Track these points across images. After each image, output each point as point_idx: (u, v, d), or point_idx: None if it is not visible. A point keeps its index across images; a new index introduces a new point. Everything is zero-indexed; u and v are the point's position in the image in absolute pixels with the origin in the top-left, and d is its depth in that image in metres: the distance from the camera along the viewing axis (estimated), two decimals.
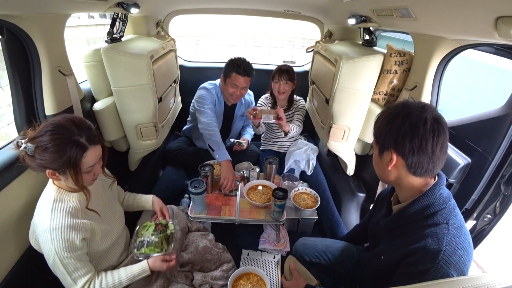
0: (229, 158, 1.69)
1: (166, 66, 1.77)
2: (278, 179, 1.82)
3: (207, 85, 1.98)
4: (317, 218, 1.68)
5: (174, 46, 2.01)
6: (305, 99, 2.21)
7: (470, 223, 1.09)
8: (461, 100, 3.68)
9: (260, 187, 1.64)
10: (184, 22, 8.67)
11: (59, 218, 0.89)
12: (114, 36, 1.52)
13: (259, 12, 2.29)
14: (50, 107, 1.19)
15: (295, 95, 2.08)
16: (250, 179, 1.77)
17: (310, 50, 2.17)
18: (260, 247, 1.65)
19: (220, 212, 1.49)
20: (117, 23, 1.53)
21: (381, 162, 0.81)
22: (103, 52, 1.37)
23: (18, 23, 0.99)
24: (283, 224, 1.72)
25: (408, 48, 1.42)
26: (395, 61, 1.41)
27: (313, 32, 2.71)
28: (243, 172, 1.79)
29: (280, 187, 1.49)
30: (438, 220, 0.73)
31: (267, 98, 2.12)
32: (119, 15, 1.51)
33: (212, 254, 1.32)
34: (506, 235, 2.06)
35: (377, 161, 0.84)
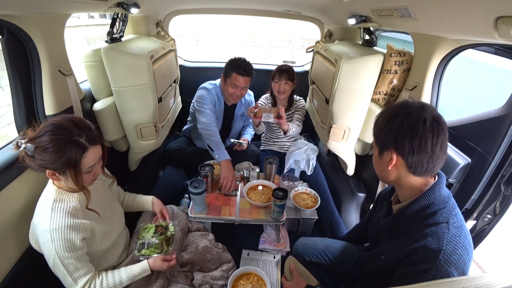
0: (228, 158, 1.69)
1: (166, 66, 1.77)
2: (278, 179, 1.82)
3: (207, 85, 1.98)
4: (317, 218, 1.68)
5: (174, 46, 2.01)
6: (305, 99, 2.21)
7: (470, 223, 1.09)
8: (461, 100, 3.68)
9: (260, 187, 1.64)
10: (184, 22, 8.67)
11: (59, 218, 0.89)
12: (114, 36, 1.52)
13: (259, 12, 2.29)
14: (50, 107, 1.19)
15: (295, 95, 2.08)
16: (250, 179, 1.76)
17: (310, 50, 2.17)
18: (260, 247, 1.65)
19: (220, 212, 1.49)
20: (117, 23, 1.53)
21: (381, 162, 0.81)
22: (103, 52, 1.37)
23: (18, 23, 0.99)
24: (283, 224, 1.72)
25: (408, 48, 1.42)
26: (395, 61, 1.41)
27: (313, 32, 2.71)
28: (243, 172, 1.79)
29: (280, 187, 1.49)
30: (438, 220, 0.73)
31: (267, 98, 2.12)
32: (119, 15, 1.51)
33: (212, 254, 1.32)
34: (506, 235, 2.06)
35: (377, 161, 0.84)
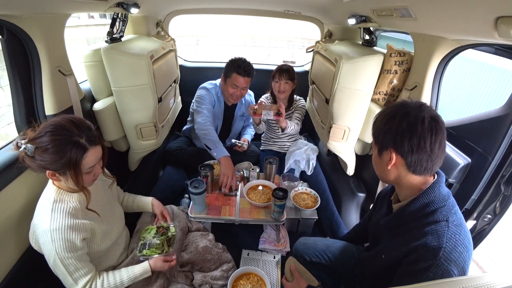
0: (227, 154, 1.68)
1: (166, 66, 1.77)
2: (278, 179, 1.82)
3: (207, 85, 1.99)
4: (317, 218, 1.68)
5: (174, 46, 2.01)
6: (305, 99, 2.21)
7: (470, 223, 1.09)
8: (461, 100, 3.68)
9: (260, 187, 1.64)
10: (184, 22, 8.66)
11: (59, 218, 0.89)
12: (114, 36, 1.52)
13: (259, 12, 2.29)
14: (50, 107, 1.19)
15: (295, 95, 2.08)
16: (250, 179, 1.76)
17: (310, 50, 2.17)
18: (260, 247, 1.65)
19: (220, 212, 1.49)
20: (117, 23, 1.53)
21: (380, 161, 0.82)
22: (103, 52, 1.37)
23: (18, 23, 0.99)
24: (283, 224, 1.72)
25: (408, 48, 1.42)
26: (395, 61, 1.41)
27: (313, 32, 2.71)
28: (243, 172, 1.79)
29: (280, 187, 1.49)
30: (438, 218, 0.73)
31: (267, 97, 2.12)
32: (119, 15, 1.51)
33: (212, 254, 1.32)
34: (506, 235, 2.06)
35: (376, 160, 0.85)
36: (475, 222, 1.08)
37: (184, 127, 2.30)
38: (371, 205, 1.24)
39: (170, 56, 1.88)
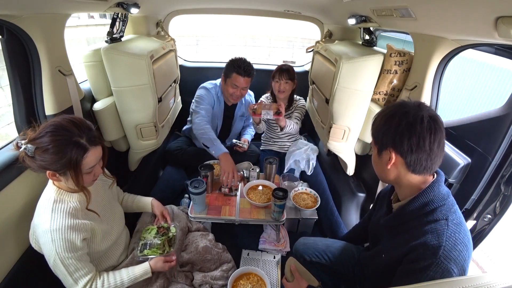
0: (225, 151, 1.68)
1: (166, 66, 1.77)
2: (278, 179, 1.82)
3: (207, 84, 1.99)
4: (317, 218, 1.68)
5: (174, 46, 2.01)
6: (305, 99, 2.21)
7: (470, 223, 1.09)
8: (461, 100, 3.68)
9: (260, 187, 1.64)
10: (184, 22, 8.66)
11: (60, 219, 0.88)
12: (114, 36, 1.52)
13: (259, 12, 2.29)
14: (50, 107, 1.19)
15: (295, 95, 2.08)
16: (250, 179, 1.76)
17: (310, 50, 2.17)
18: (260, 247, 1.65)
19: (220, 212, 1.49)
20: (117, 23, 1.53)
21: (380, 161, 0.82)
22: (103, 52, 1.37)
23: (18, 23, 0.99)
24: (283, 224, 1.72)
25: (408, 48, 1.42)
26: (395, 61, 1.41)
27: (313, 32, 2.71)
28: (243, 172, 1.79)
29: (280, 187, 1.49)
30: (438, 217, 0.74)
31: (267, 97, 2.12)
32: (119, 15, 1.51)
33: (212, 254, 1.32)
34: (506, 235, 2.06)
35: (376, 160, 0.85)
36: (475, 222, 1.08)
37: (184, 127, 2.30)
38: (371, 205, 1.24)
39: (170, 56, 1.88)
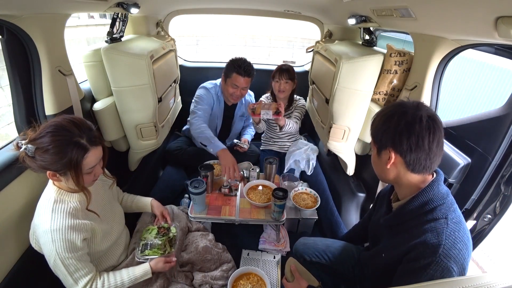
0: (223, 147, 1.69)
1: (166, 66, 1.77)
2: (278, 179, 1.82)
3: (207, 84, 1.99)
4: (317, 218, 1.68)
5: (174, 46, 2.01)
6: (305, 99, 2.21)
7: (470, 223, 1.09)
8: (461, 100, 3.68)
9: (260, 187, 1.64)
10: (184, 22, 8.65)
11: (60, 219, 0.88)
12: (114, 36, 1.52)
13: (259, 12, 2.29)
14: (50, 107, 1.19)
15: (296, 95, 2.08)
16: (250, 179, 1.76)
17: (310, 50, 2.17)
18: (260, 247, 1.65)
19: (220, 212, 1.49)
20: (117, 23, 1.53)
21: (380, 161, 0.83)
22: (103, 52, 1.37)
23: (18, 23, 0.99)
24: (283, 224, 1.72)
25: (408, 48, 1.42)
26: (395, 61, 1.41)
27: (313, 32, 2.71)
28: (243, 172, 1.79)
29: (280, 187, 1.49)
30: (437, 215, 0.74)
31: (267, 97, 2.12)
32: (119, 15, 1.51)
33: (212, 254, 1.32)
34: (506, 235, 2.06)
35: (376, 160, 0.85)
36: (475, 222, 1.08)
37: (184, 127, 2.30)
38: (371, 205, 1.24)
39: (170, 56, 1.88)
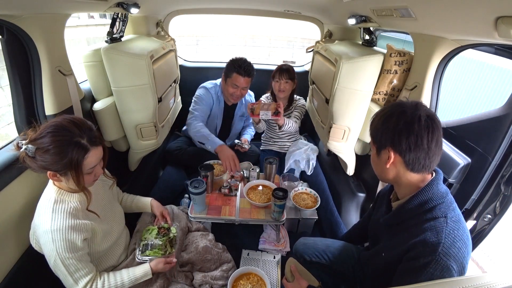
0: (221, 143, 1.70)
1: (166, 66, 1.77)
2: (278, 179, 1.82)
3: (207, 84, 1.99)
4: (317, 218, 1.68)
5: (174, 46, 2.01)
6: (305, 99, 2.21)
7: (470, 223, 1.09)
8: (461, 100, 3.68)
9: (260, 187, 1.64)
10: (184, 22, 8.66)
11: (60, 219, 0.88)
12: (114, 36, 1.52)
13: (259, 12, 2.29)
14: (50, 107, 1.19)
15: (296, 95, 2.08)
16: (250, 179, 1.76)
17: (310, 50, 2.17)
18: (260, 247, 1.65)
19: (220, 212, 1.49)
20: (117, 23, 1.52)
21: (379, 161, 0.83)
22: (103, 52, 1.37)
23: (18, 23, 0.99)
24: (283, 224, 1.72)
25: (408, 48, 1.42)
26: (395, 61, 1.41)
27: (313, 32, 2.71)
28: (243, 172, 1.78)
29: (280, 187, 1.49)
30: (437, 214, 0.74)
31: (267, 97, 2.12)
32: (119, 15, 1.51)
33: (212, 254, 1.32)
34: (506, 235, 2.06)
35: (375, 160, 0.86)
36: (475, 222, 1.08)
37: (184, 127, 2.29)
38: (371, 204, 1.24)
39: (170, 56, 1.88)
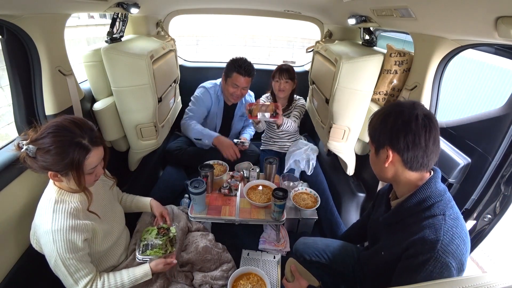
0: (217, 135, 1.74)
1: (166, 66, 1.77)
2: (278, 179, 1.82)
3: (207, 84, 1.99)
4: (317, 218, 1.68)
5: (174, 46, 2.01)
6: (305, 99, 2.21)
7: (470, 223, 1.09)
8: (461, 100, 3.68)
9: (260, 187, 1.64)
10: (184, 22, 8.65)
11: (61, 219, 0.88)
12: (114, 36, 1.52)
13: (259, 12, 2.29)
14: (50, 107, 1.19)
15: (295, 95, 2.08)
16: (250, 179, 1.76)
17: (310, 50, 2.17)
18: (260, 247, 1.65)
19: (220, 212, 1.49)
20: (117, 23, 1.52)
21: (378, 160, 0.84)
22: (103, 52, 1.37)
23: (18, 23, 0.99)
24: (283, 224, 1.72)
25: (408, 48, 1.42)
26: (395, 61, 1.41)
27: (313, 32, 2.71)
28: (243, 172, 1.78)
29: (280, 187, 1.49)
30: (435, 212, 0.75)
31: (267, 97, 2.12)
32: (119, 15, 1.51)
33: (212, 254, 1.32)
34: (506, 235, 2.06)
35: (374, 159, 0.87)
36: (475, 222, 1.08)
37: None
38: (371, 204, 1.24)
39: (170, 56, 1.88)
